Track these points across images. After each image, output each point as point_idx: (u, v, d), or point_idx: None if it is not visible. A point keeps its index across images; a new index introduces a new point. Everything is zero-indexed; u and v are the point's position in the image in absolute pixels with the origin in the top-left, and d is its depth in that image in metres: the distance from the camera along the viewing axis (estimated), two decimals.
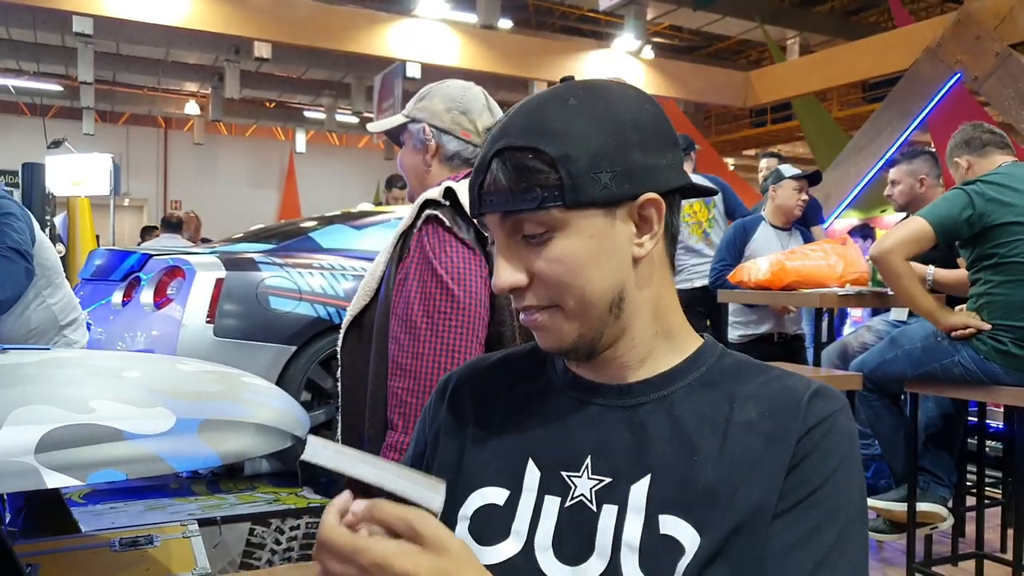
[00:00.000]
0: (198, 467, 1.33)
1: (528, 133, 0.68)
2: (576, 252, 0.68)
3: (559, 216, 0.68)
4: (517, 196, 0.68)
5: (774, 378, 0.71)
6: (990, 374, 2.27)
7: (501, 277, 0.70)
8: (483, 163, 0.70)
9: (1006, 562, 2.46)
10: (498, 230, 0.71)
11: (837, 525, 0.63)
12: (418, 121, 1.51)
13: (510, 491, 0.71)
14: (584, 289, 0.69)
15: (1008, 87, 5.21)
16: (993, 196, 2.21)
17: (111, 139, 14.12)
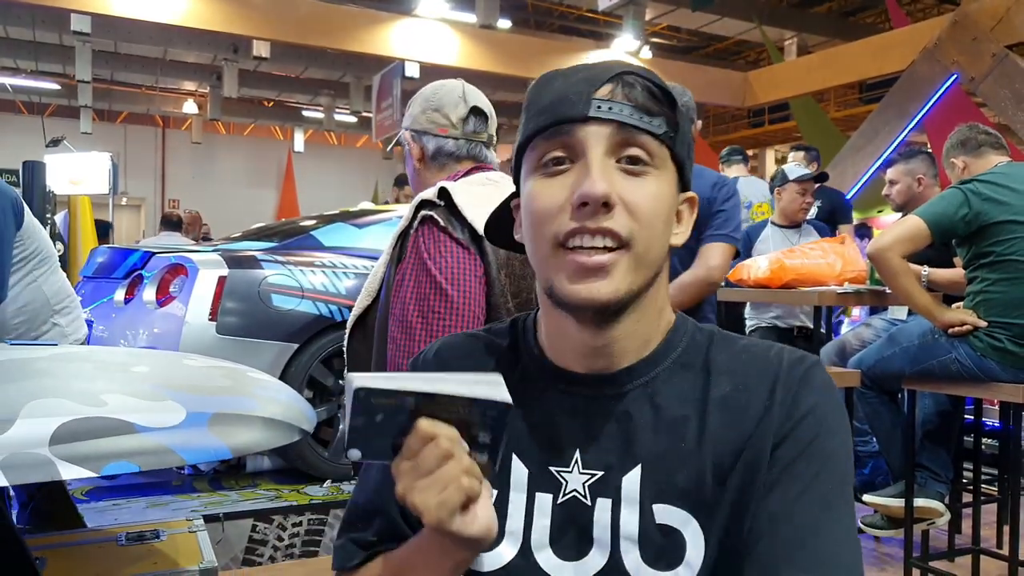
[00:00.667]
0: (209, 459, 1.35)
1: (655, 78, 0.68)
2: (664, 197, 0.68)
3: (664, 155, 0.68)
4: (644, 115, 0.66)
5: (743, 348, 0.71)
6: (987, 371, 2.30)
7: (597, 186, 0.64)
8: (600, 75, 0.67)
9: (1002, 557, 2.48)
10: (599, 143, 0.66)
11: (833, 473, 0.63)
12: (405, 130, 1.56)
13: (498, 491, 0.70)
14: (657, 237, 0.67)
15: (1004, 88, 5.25)
16: (989, 195, 2.23)
17: (109, 138, 14.10)
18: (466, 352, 0.78)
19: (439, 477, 0.57)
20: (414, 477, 0.58)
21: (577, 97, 0.66)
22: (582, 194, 0.64)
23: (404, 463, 0.59)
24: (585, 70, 0.68)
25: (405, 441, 0.59)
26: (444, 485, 0.57)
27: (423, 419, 0.58)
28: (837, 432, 0.65)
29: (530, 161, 0.70)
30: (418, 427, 0.58)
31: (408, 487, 0.59)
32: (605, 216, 0.65)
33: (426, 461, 0.58)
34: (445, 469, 0.58)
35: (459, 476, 0.58)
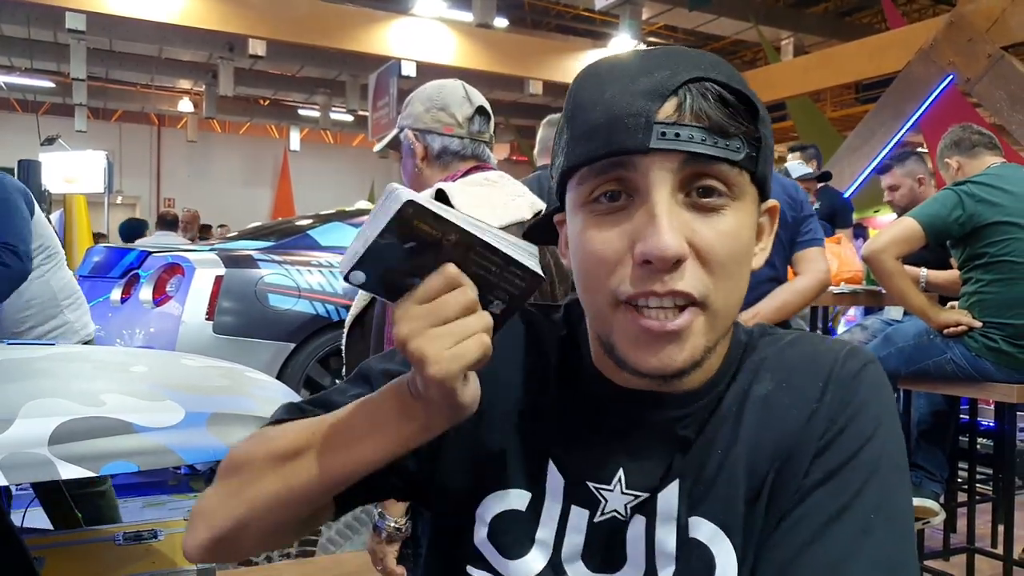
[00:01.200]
0: (208, 459, 1.35)
1: (731, 77, 0.56)
2: (744, 230, 0.57)
3: (743, 182, 0.56)
4: (722, 139, 0.54)
5: (790, 343, 0.64)
6: (981, 371, 2.31)
7: (666, 242, 0.53)
8: (663, 85, 0.54)
9: (997, 556, 2.49)
10: (664, 182, 0.54)
11: (881, 485, 0.56)
12: (404, 129, 1.55)
13: (532, 495, 0.64)
14: (738, 283, 0.57)
15: (1000, 89, 5.27)
16: (983, 196, 2.24)
17: (104, 136, 14.06)
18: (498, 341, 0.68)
19: (459, 327, 0.51)
20: (427, 322, 0.51)
21: (635, 122, 0.54)
22: (647, 253, 0.54)
23: (416, 306, 0.51)
24: (643, 73, 0.55)
25: (423, 282, 0.52)
26: (463, 336, 0.51)
27: (450, 266, 0.52)
28: (889, 439, 0.58)
29: (578, 193, 0.59)
30: (447, 270, 0.51)
31: (416, 331, 0.51)
32: (674, 276, 0.54)
33: (448, 307, 0.51)
34: (468, 320, 0.51)
35: (481, 331, 0.52)
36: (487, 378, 0.63)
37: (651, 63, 0.56)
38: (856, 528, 0.54)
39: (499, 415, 0.65)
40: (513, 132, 15.32)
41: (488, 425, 0.65)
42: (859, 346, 0.62)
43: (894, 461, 0.57)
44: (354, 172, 16.71)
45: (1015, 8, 5.25)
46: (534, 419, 0.65)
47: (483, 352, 0.52)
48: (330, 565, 2.84)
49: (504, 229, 1.46)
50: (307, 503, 0.59)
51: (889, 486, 0.56)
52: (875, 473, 0.56)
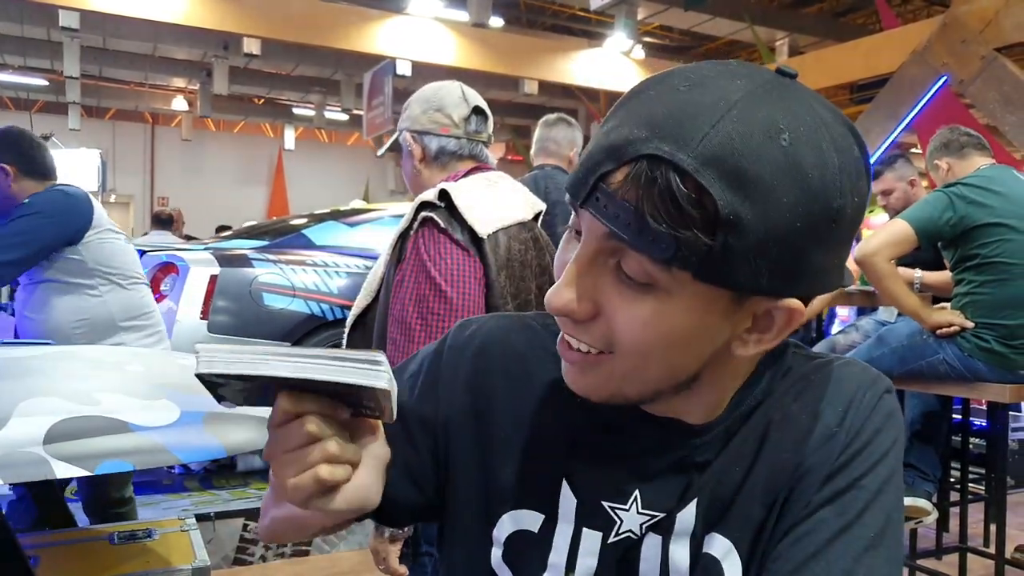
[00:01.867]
0: (204, 458, 1.35)
1: (707, 160, 0.48)
2: (670, 326, 0.53)
3: (675, 278, 0.51)
4: (646, 231, 0.49)
5: (816, 367, 0.63)
6: (974, 371, 2.32)
7: (559, 296, 0.54)
8: (620, 150, 0.50)
9: (989, 555, 2.51)
10: (591, 238, 0.53)
11: (883, 508, 0.58)
12: (404, 131, 1.57)
13: (545, 516, 0.63)
14: (656, 366, 0.55)
15: (993, 90, 5.29)
16: (973, 198, 2.26)
17: (97, 134, 14.01)
18: (516, 352, 0.67)
19: (297, 459, 0.52)
20: (277, 448, 0.53)
21: (586, 175, 0.52)
22: (546, 299, 0.55)
23: (271, 430, 0.53)
24: (633, 119, 0.51)
25: (272, 408, 0.53)
26: (302, 468, 0.52)
27: (284, 396, 0.51)
28: (895, 465, 0.59)
29: None
30: (280, 404, 0.52)
31: (271, 454, 0.53)
32: (575, 326, 0.55)
33: (287, 438, 0.52)
34: (305, 452, 0.52)
35: (319, 463, 0.51)
36: (492, 398, 0.66)
37: (657, 105, 0.50)
38: (858, 547, 0.56)
39: (509, 434, 0.65)
40: (508, 132, 15.32)
41: (498, 445, 0.65)
42: (879, 375, 0.63)
43: (896, 485, 0.59)
44: (349, 171, 16.68)
45: (1008, 10, 5.27)
46: (548, 439, 0.64)
47: (318, 485, 0.52)
48: (325, 564, 2.84)
49: (505, 230, 1.48)
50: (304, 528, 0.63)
51: (890, 509, 0.58)
52: (879, 496, 0.58)
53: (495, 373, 0.66)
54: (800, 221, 0.49)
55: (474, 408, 0.66)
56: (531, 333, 0.68)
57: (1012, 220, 2.24)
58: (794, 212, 0.49)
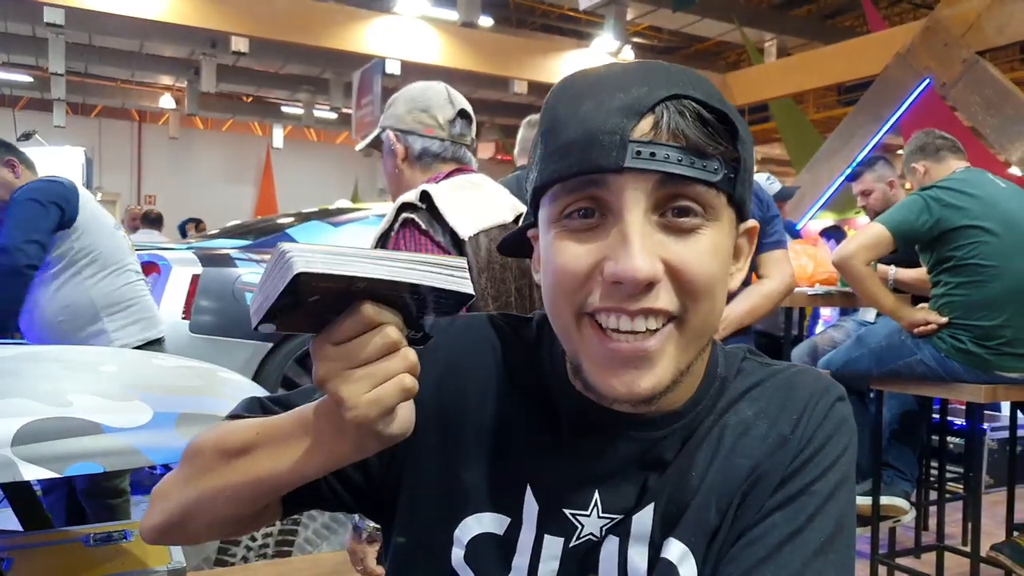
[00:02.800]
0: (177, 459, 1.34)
1: (711, 95, 0.55)
2: (721, 251, 0.56)
3: (720, 203, 0.55)
4: (698, 158, 0.53)
5: (771, 372, 0.65)
6: (950, 371, 2.34)
7: (638, 263, 0.52)
8: (640, 102, 0.53)
9: (966, 554, 2.53)
10: (637, 202, 0.53)
11: (833, 513, 0.59)
12: (387, 129, 1.57)
13: (510, 520, 0.64)
14: (716, 304, 0.56)
15: (974, 93, 5.34)
16: (949, 201, 2.28)
17: (83, 132, 13.92)
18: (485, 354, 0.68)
19: (378, 370, 0.49)
20: (344, 364, 0.49)
21: (610, 140, 0.52)
22: (617, 274, 0.53)
23: (332, 347, 0.50)
24: (620, 89, 0.54)
25: (339, 321, 0.49)
26: (381, 379, 0.49)
27: (368, 303, 0.49)
28: (845, 471, 0.61)
29: (551, 210, 0.58)
30: (362, 312, 0.49)
31: (333, 372, 0.50)
32: (647, 295, 0.54)
33: (365, 350, 0.49)
34: (387, 363, 0.49)
35: (402, 373, 0.50)
36: (459, 398, 0.65)
37: (628, 78, 0.55)
38: (808, 551, 0.57)
39: (474, 436, 0.65)
40: (498, 131, 15.32)
41: (463, 446, 0.65)
42: (832, 383, 0.65)
43: (847, 490, 0.61)
44: (338, 170, 16.64)
45: (990, 14, 5.32)
46: (510, 441, 0.64)
47: (403, 395, 0.50)
48: (307, 566, 2.84)
49: (486, 232, 1.47)
50: (249, 501, 0.59)
51: (840, 515, 0.59)
52: (830, 502, 0.59)
53: (464, 375, 0.66)
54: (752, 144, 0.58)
55: (441, 409, 0.65)
56: (502, 334, 0.68)
57: (987, 223, 2.27)
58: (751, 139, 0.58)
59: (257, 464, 0.57)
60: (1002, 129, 5.22)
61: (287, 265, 0.46)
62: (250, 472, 0.57)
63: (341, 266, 0.46)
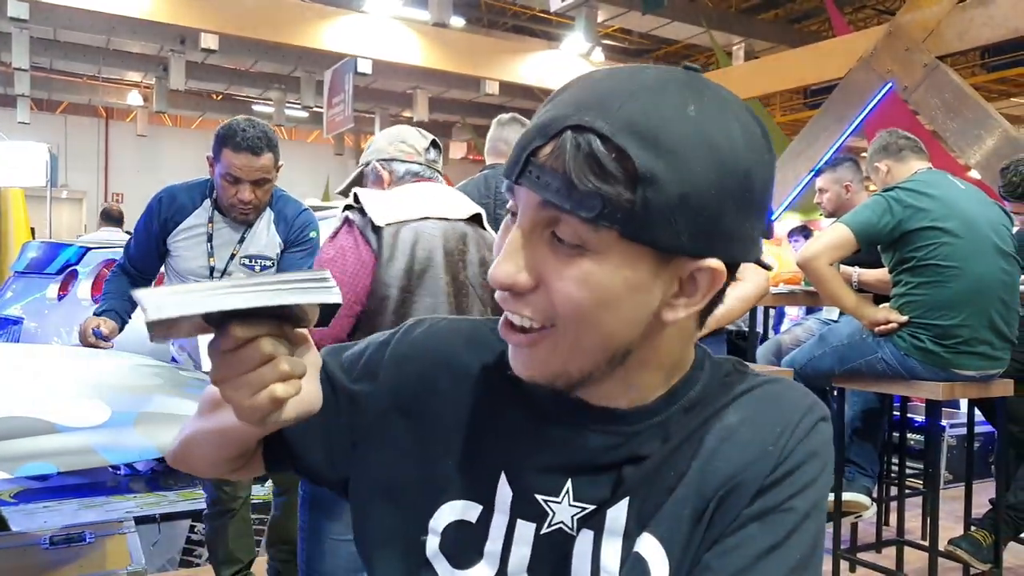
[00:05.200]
0: (134, 459, 1.33)
1: (624, 126, 0.54)
2: (604, 284, 0.56)
3: (604, 238, 0.55)
4: (575, 193, 0.54)
5: (760, 383, 0.66)
6: (909, 369, 2.39)
7: (501, 269, 0.58)
8: (548, 126, 0.56)
9: (924, 548, 2.58)
10: (527, 211, 0.58)
11: (810, 530, 0.60)
12: (369, 163, 1.76)
13: (483, 507, 0.65)
14: (593, 331, 0.58)
15: (935, 97, 5.44)
16: (910, 203, 2.32)
17: (48, 128, 13.66)
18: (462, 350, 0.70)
19: (252, 380, 0.54)
20: (228, 372, 0.55)
21: (519, 153, 0.57)
22: (488, 275, 0.60)
23: (218, 355, 0.54)
24: (557, 105, 0.57)
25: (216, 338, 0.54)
26: (257, 389, 0.54)
27: (237, 324, 0.53)
28: (823, 490, 0.62)
29: None
30: (231, 333, 0.53)
31: (219, 378, 0.55)
32: (517, 301, 0.59)
33: (241, 361, 0.54)
34: (260, 373, 0.54)
35: (275, 381, 0.54)
36: (432, 389, 0.68)
37: (582, 92, 0.57)
38: (786, 566, 0.58)
39: (453, 429, 0.67)
40: (469, 131, 15.30)
41: (441, 438, 0.67)
42: (817, 401, 0.65)
43: (821, 511, 0.62)
44: (309, 169, 16.48)
45: (950, 20, 5.42)
46: (487, 431, 0.66)
47: (275, 404, 0.55)
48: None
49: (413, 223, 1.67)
50: (224, 446, 0.67)
51: (815, 536, 0.60)
52: (807, 521, 0.60)
53: (441, 367, 0.69)
54: (713, 185, 0.54)
55: (416, 400, 0.68)
56: (479, 334, 0.71)
57: (947, 224, 2.31)
58: (707, 175, 0.54)
59: (223, 416, 0.64)
60: (961, 133, 5.32)
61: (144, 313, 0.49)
62: (220, 421, 0.65)
63: (193, 306, 0.49)
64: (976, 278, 2.31)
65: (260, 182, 2.05)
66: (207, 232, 2.10)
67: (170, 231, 2.11)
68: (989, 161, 5.04)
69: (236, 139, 1.98)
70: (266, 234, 2.17)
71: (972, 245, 2.31)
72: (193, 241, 2.11)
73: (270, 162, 2.05)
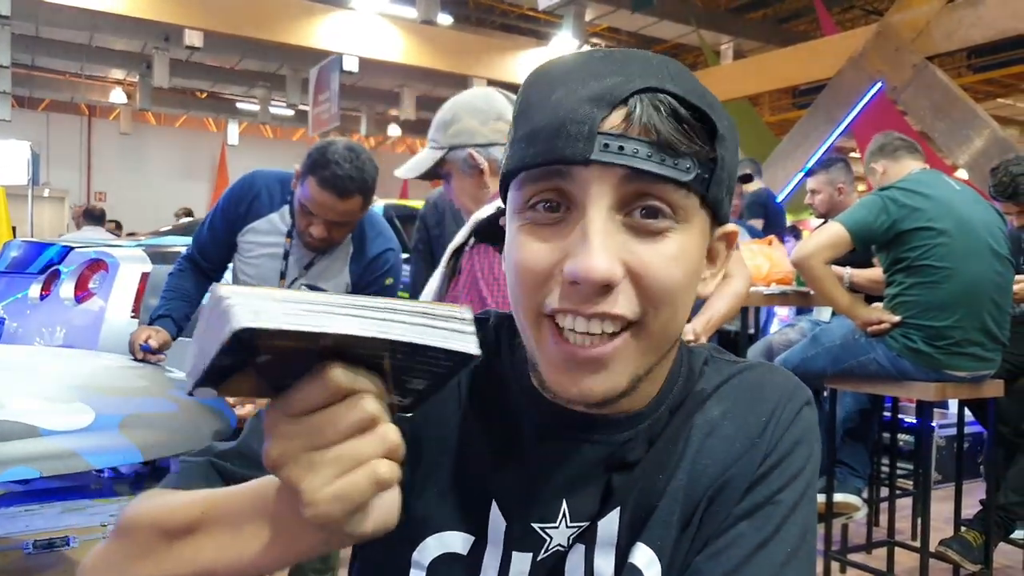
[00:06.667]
0: (119, 463, 1.30)
1: (684, 86, 0.51)
2: (693, 259, 0.53)
3: (691, 205, 0.52)
4: (668, 156, 0.50)
5: (738, 371, 0.63)
6: (901, 370, 2.39)
7: (597, 264, 0.49)
8: (613, 91, 0.50)
9: (915, 549, 2.58)
10: (602, 197, 0.51)
11: (799, 522, 0.58)
12: (458, 148, 1.46)
13: (475, 538, 0.60)
14: (679, 311, 0.54)
15: (924, 98, 5.48)
16: (905, 202, 2.32)
17: (30, 126, 13.48)
18: None
19: (346, 454, 0.39)
20: (304, 444, 0.39)
21: (578, 129, 0.50)
22: (574, 274, 0.50)
23: (289, 421, 0.39)
24: (595, 77, 0.51)
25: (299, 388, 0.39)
26: (350, 466, 0.39)
27: (337, 366, 0.38)
28: (810, 479, 0.60)
29: (517, 198, 0.55)
30: (329, 378, 0.38)
31: (289, 454, 0.39)
32: (604, 298, 0.51)
33: (330, 426, 0.39)
34: (357, 445, 0.39)
35: (375, 459, 0.40)
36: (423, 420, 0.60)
37: (606, 67, 0.52)
38: (776, 563, 0.56)
39: (439, 456, 0.61)
40: None
41: (426, 467, 0.61)
42: (800, 385, 0.63)
43: (810, 498, 0.60)
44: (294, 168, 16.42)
45: (939, 20, 5.46)
46: (469, 454, 0.61)
47: (376, 488, 0.40)
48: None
49: None
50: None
51: (805, 524, 0.58)
52: (796, 511, 0.58)
53: None
54: (736, 141, 0.56)
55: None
56: None
57: (941, 224, 2.31)
58: (733, 137, 0.55)
59: (202, 552, 0.47)
60: (950, 133, 5.36)
61: (226, 317, 0.35)
62: (193, 561, 0.47)
63: (300, 320, 0.35)
64: (969, 279, 2.31)
65: (339, 224, 1.76)
66: (284, 248, 1.86)
67: (240, 226, 1.89)
68: (977, 161, 5.07)
69: (326, 171, 1.67)
70: (339, 269, 1.89)
71: (966, 246, 2.31)
72: (267, 251, 1.89)
73: (357, 206, 1.73)
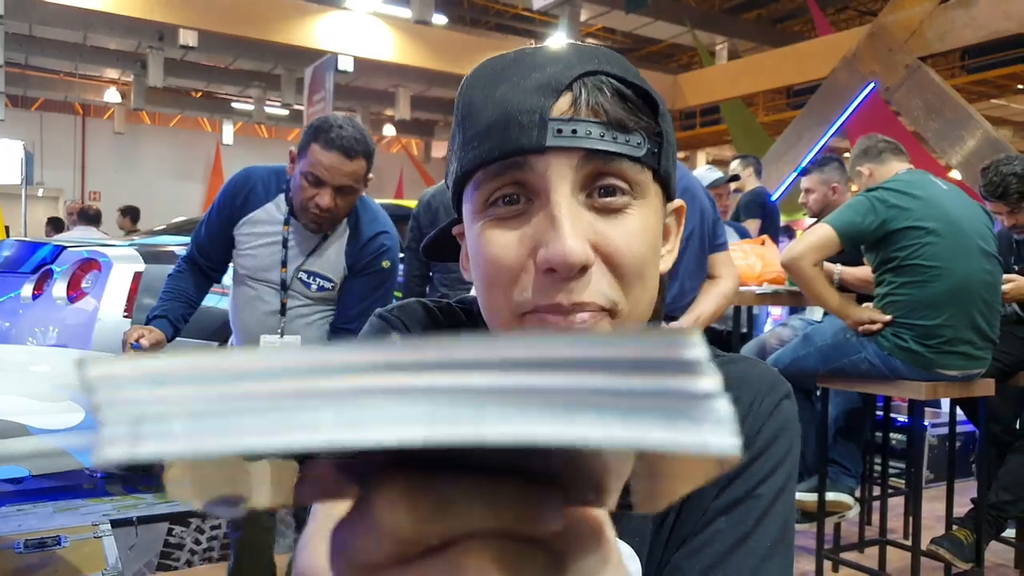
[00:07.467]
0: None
1: (627, 70, 0.54)
2: (650, 230, 0.54)
3: (646, 180, 0.53)
4: (619, 134, 0.51)
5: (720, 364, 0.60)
6: (893, 369, 2.40)
7: (570, 247, 0.49)
8: (556, 79, 0.51)
9: (907, 547, 2.59)
10: (563, 180, 0.51)
11: (777, 517, 0.58)
12: None
13: None
14: (647, 286, 0.54)
15: (916, 98, 5.50)
16: (893, 202, 2.33)
17: (23, 125, 13.44)
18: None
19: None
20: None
21: (529, 119, 0.51)
22: (550, 260, 0.50)
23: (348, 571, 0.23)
24: (535, 68, 0.52)
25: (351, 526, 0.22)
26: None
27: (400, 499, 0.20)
28: (789, 472, 0.59)
29: (475, 200, 0.55)
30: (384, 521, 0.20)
31: None
32: (580, 284, 0.51)
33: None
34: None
35: None
36: None
37: (543, 58, 0.54)
38: (756, 557, 0.56)
39: None
40: None
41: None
42: (779, 379, 0.63)
43: (790, 492, 0.59)
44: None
45: (932, 21, 5.48)
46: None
47: None
48: None
49: None
50: None
51: (784, 518, 0.58)
52: (775, 505, 0.58)
53: None
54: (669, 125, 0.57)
55: None
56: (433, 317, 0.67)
57: (929, 223, 2.32)
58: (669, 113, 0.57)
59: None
60: (943, 133, 5.38)
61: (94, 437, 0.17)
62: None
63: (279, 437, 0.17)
64: (959, 278, 2.32)
65: (345, 190, 1.76)
66: (282, 236, 1.86)
67: (236, 220, 1.89)
68: (970, 161, 5.09)
69: (330, 134, 1.69)
70: (335, 254, 1.90)
71: (955, 245, 2.32)
72: (264, 240, 1.88)
73: (362, 169, 1.75)
